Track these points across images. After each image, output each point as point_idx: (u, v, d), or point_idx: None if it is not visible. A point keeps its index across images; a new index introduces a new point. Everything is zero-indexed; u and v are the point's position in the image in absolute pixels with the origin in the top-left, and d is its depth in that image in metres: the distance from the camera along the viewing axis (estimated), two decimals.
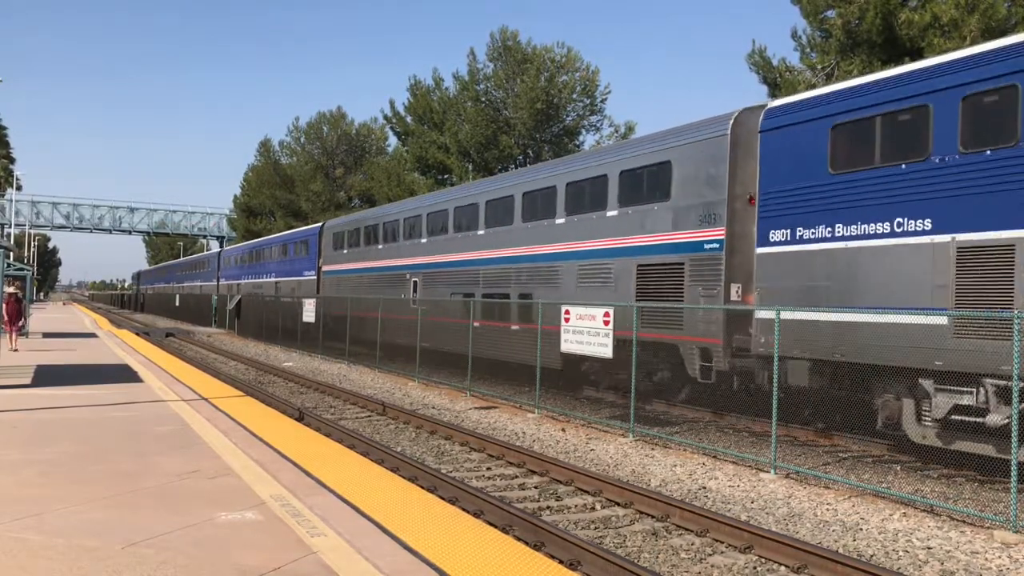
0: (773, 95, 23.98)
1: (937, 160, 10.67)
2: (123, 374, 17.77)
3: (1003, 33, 19.03)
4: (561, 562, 6.84)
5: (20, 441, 9.57)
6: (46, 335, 30.65)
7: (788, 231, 12.84)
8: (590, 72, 38.01)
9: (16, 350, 22.18)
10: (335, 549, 5.81)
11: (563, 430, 14.45)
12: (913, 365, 10.64)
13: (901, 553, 7.85)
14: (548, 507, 9.45)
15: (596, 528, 8.62)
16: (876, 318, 11.08)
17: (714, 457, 12.15)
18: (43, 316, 50.00)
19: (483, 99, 38.39)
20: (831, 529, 8.63)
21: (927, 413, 10.71)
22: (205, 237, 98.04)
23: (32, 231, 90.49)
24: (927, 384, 10.60)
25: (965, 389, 10.10)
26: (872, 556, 7.77)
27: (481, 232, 22.00)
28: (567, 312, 15.79)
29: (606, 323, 14.69)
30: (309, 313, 31.26)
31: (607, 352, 14.69)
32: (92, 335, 32.89)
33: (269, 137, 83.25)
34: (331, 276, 33.76)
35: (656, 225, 15.71)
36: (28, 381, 15.21)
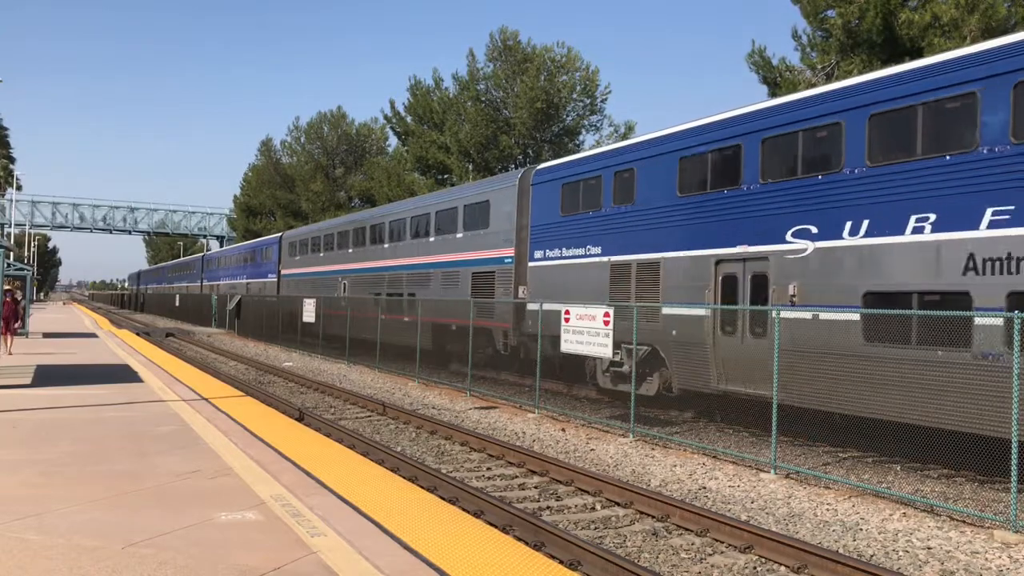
0: (773, 95, 24.00)
1: (605, 211, 17.43)
2: (123, 374, 17.77)
3: (1003, 34, 19.03)
4: (561, 562, 6.83)
5: (20, 441, 9.57)
6: (46, 335, 30.64)
7: (542, 252, 19.51)
8: (590, 72, 38.01)
9: (10, 354, 20.82)
10: (335, 549, 5.81)
11: (563, 430, 14.45)
12: None
13: (901, 553, 7.85)
14: (548, 507, 9.45)
15: (596, 528, 8.62)
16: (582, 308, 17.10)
17: (714, 457, 12.15)
18: (43, 316, 50.00)
19: (483, 99, 38.39)
20: (831, 529, 8.63)
21: (605, 369, 16.76)
22: (205, 237, 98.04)
23: (32, 231, 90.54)
24: None
25: (615, 351, 15.15)
26: (872, 556, 7.77)
27: (386, 246, 28.57)
28: (567, 313, 15.79)
29: (606, 323, 14.69)
30: (309, 313, 31.33)
31: (607, 352, 14.70)
32: (92, 335, 32.89)
33: (270, 137, 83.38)
34: (287, 279, 40.75)
35: (482, 245, 22.11)
36: (28, 381, 15.20)
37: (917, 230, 11.10)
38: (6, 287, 19.56)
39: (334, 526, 6.38)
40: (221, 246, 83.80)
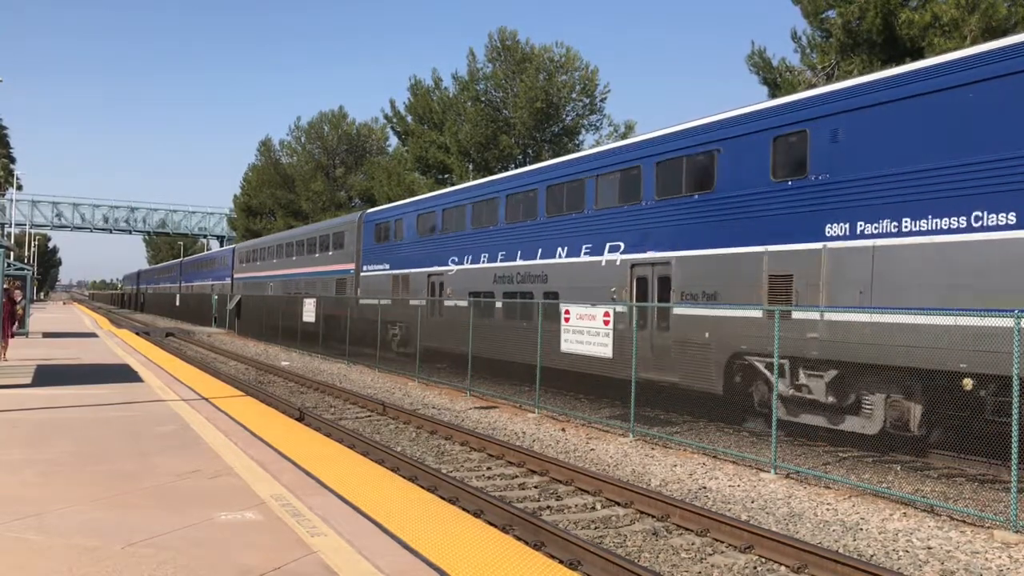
0: (773, 95, 24.01)
1: (391, 242, 27.74)
2: (123, 374, 17.77)
3: (1004, 33, 19.02)
4: (561, 562, 6.83)
5: (20, 441, 9.57)
6: (46, 335, 30.63)
7: (366, 266, 30.25)
8: (589, 71, 37.99)
9: (6, 360, 19.37)
10: (335, 549, 5.80)
11: (563, 430, 14.44)
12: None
13: (901, 553, 7.85)
14: (548, 507, 9.45)
15: (596, 528, 8.61)
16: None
17: (714, 457, 12.14)
18: (43, 316, 49.99)
19: (483, 99, 38.37)
20: (831, 529, 8.62)
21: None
22: (206, 237, 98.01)
23: (32, 231, 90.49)
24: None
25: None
26: (872, 556, 7.77)
27: (294, 258, 40.33)
28: (567, 312, 15.78)
29: (606, 323, 14.69)
30: (309, 313, 31.39)
31: (607, 352, 14.70)
32: (92, 335, 32.88)
33: (270, 136, 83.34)
34: (238, 280, 52.27)
35: (340, 260, 33.34)
36: (28, 381, 15.20)
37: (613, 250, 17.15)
38: (4, 286, 19.45)
39: (334, 526, 6.38)
40: (221, 246, 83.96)
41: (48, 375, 16.48)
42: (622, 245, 16.48)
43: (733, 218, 13.87)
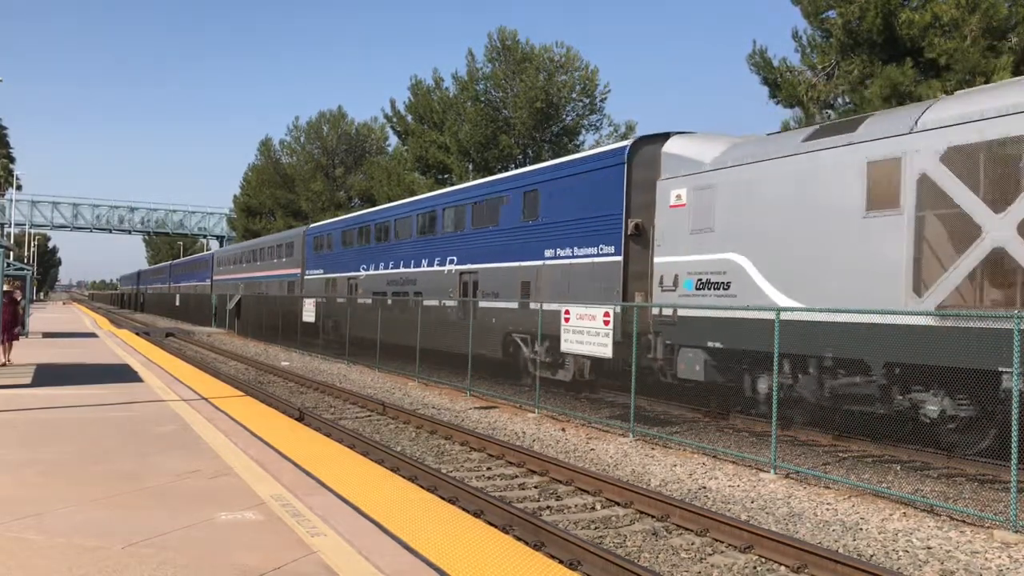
0: (773, 95, 24.03)
1: (323, 252, 35.77)
2: (123, 374, 17.78)
3: (1004, 33, 19.04)
4: (561, 562, 6.83)
5: (20, 441, 9.57)
6: (46, 335, 30.64)
7: (309, 271, 37.20)
8: (589, 71, 38.00)
9: (6, 363, 18.41)
10: (335, 549, 5.81)
11: (563, 430, 14.45)
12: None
13: (901, 553, 7.85)
14: (548, 507, 9.45)
15: (596, 528, 8.62)
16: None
17: (714, 457, 12.15)
18: (43, 316, 49.99)
19: (482, 99, 38.37)
20: (831, 529, 8.63)
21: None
22: (205, 237, 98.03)
23: (32, 231, 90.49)
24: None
25: None
26: (872, 556, 7.77)
27: (258, 263, 47.75)
28: (567, 312, 15.79)
29: (606, 323, 14.69)
30: (309, 313, 31.38)
31: (607, 352, 14.70)
32: (92, 335, 32.89)
33: (269, 136, 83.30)
34: (217, 282, 59.91)
35: (289, 266, 40.38)
36: (28, 381, 15.21)
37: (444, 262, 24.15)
38: (5, 287, 19.42)
39: (334, 526, 6.38)
40: (221, 246, 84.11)
41: (48, 375, 16.48)
42: (455, 259, 23.25)
43: (506, 244, 20.48)
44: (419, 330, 21.97)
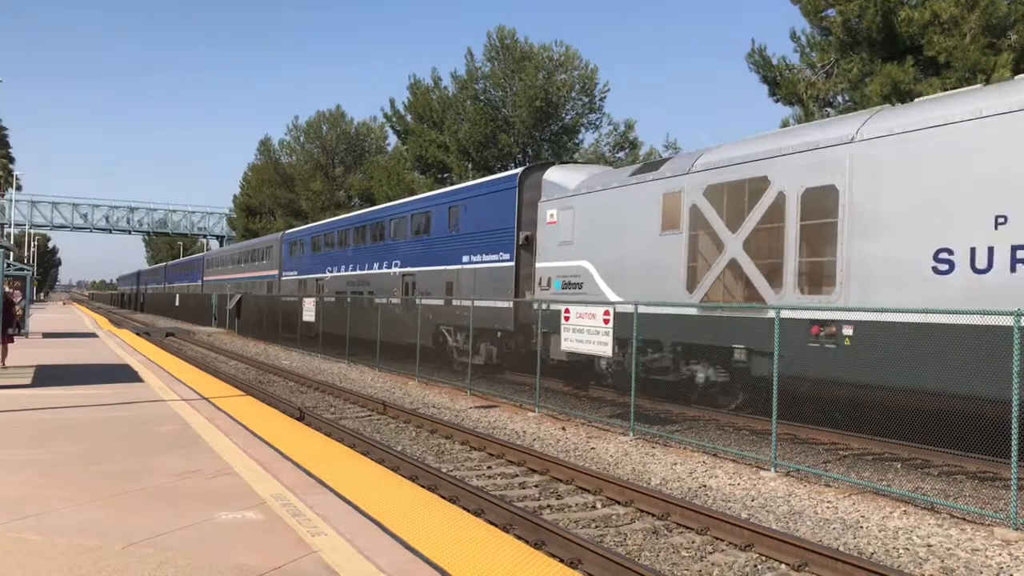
0: (773, 94, 24.02)
1: (297, 255, 40.16)
2: (123, 374, 17.77)
3: (1003, 31, 19.02)
4: (562, 561, 6.83)
5: (20, 441, 9.57)
6: (46, 335, 30.63)
7: (287, 272, 41.68)
8: (588, 70, 37.97)
9: (4, 367, 17.84)
10: (336, 548, 5.81)
11: (563, 429, 14.45)
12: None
13: (902, 551, 7.85)
14: (548, 506, 9.45)
15: (597, 527, 8.61)
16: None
17: (714, 455, 12.14)
18: (43, 316, 49.99)
19: (482, 98, 38.34)
20: (832, 527, 8.63)
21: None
22: (205, 237, 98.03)
23: (32, 231, 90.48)
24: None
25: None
26: (873, 554, 7.77)
27: (242, 264, 52.70)
28: (567, 311, 15.79)
29: (606, 322, 14.69)
30: (309, 312, 31.38)
31: (607, 351, 14.71)
32: (92, 335, 32.89)
33: (269, 136, 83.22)
34: (207, 282, 64.24)
35: (269, 268, 44.82)
36: (28, 381, 15.21)
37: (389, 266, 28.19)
38: (6, 289, 19.39)
39: (334, 525, 6.38)
40: (221, 246, 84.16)
41: (48, 376, 16.48)
42: (399, 263, 27.14)
43: (436, 251, 24.43)
44: (379, 326, 25.07)
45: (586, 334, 15.20)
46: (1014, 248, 9.81)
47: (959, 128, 10.68)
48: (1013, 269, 9.81)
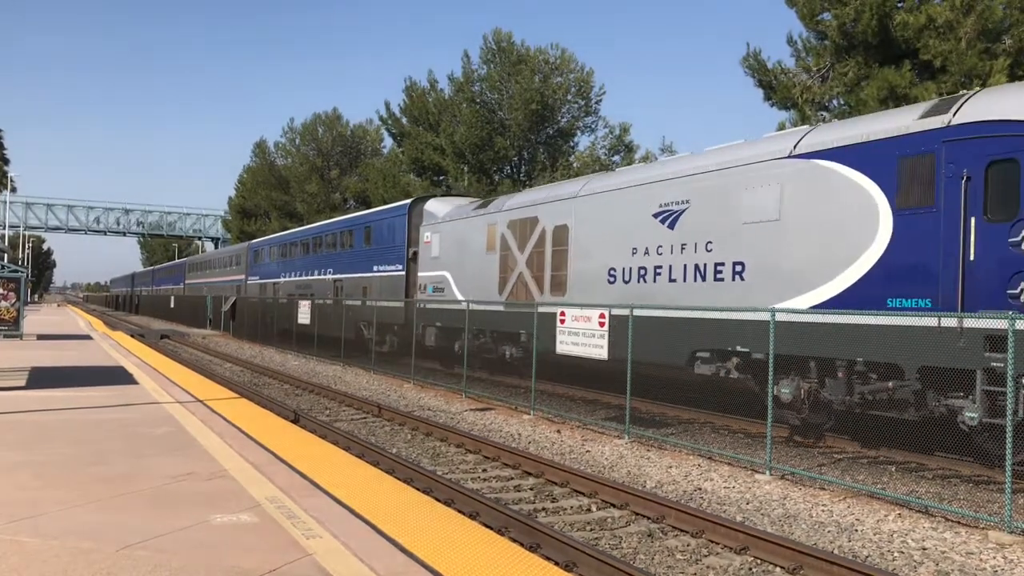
0: (768, 98, 24.06)
1: (263, 263, 46.22)
2: (118, 376, 17.72)
3: (999, 35, 19.08)
4: (557, 563, 6.83)
5: (14, 443, 9.54)
6: (40, 337, 30.53)
7: (251, 277, 48.03)
8: (584, 73, 38.02)
9: None
10: (330, 551, 5.80)
11: (558, 432, 14.44)
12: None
13: (896, 554, 7.86)
14: (544, 509, 9.45)
15: (592, 530, 8.62)
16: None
17: (709, 458, 12.16)
18: (37, 318, 49.83)
19: (478, 101, 38.36)
20: (826, 530, 8.64)
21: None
22: (200, 239, 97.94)
23: (27, 233, 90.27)
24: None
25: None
26: (867, 557, 7.78)
27: (216, 270, 58.40)
28: (562, 314, 15.80)
29: (601, 324, 14.70)
30: (304, 315, 31.34)
31: (603, 354, 14.71)
32: (87, 337, 32.79)
33: (264, 138, 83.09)
34: (188, 285, 70.28)
35: (237, 273, 51.67)
36: (23, 383, 15.15)
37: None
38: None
39: (329, 528, 6.37)
40: (216, 247, 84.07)
41: (43, 377, 16.42)
42: (332, 270, 33.00)
43: (356, 261, 30.22)
44: (317, 322, 30.16)
45: (581, 336, 15.22)
46: (640, 268, 15.62)
47: (611, 194, 16.72)
48: (639, 280, 15.61)
